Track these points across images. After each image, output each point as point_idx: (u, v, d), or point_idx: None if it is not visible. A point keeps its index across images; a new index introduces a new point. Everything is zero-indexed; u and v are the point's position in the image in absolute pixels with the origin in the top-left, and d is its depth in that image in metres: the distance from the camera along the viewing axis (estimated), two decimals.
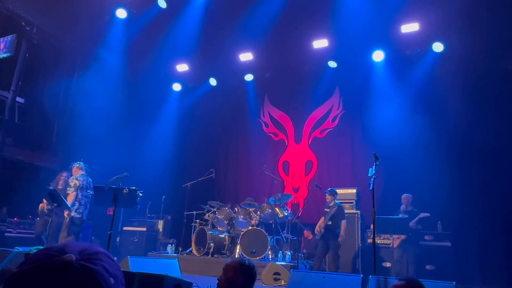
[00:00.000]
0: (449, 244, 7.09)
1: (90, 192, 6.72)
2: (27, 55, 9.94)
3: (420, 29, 8.34)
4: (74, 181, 6.80)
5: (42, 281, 0.62)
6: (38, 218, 7.33)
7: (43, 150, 9.90)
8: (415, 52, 8.93)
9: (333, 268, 7.01)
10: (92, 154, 7.93)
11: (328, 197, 7.35)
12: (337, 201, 7.37)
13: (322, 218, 7.37)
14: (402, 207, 7.24)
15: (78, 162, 7.03)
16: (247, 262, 2.52)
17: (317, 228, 7.36)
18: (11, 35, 9.83)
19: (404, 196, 7.31)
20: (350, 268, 7.57)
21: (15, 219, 8.26)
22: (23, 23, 9.73)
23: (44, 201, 7.15)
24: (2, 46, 9.99)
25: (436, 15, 8.03)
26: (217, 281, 2.54)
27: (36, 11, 9.63)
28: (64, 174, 7.32)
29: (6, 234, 7.81)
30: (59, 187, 7.09)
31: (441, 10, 7.82)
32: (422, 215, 6.97)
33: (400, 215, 7.05)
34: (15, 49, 9.75)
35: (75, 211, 6.67)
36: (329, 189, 7.44)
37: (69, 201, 6.63)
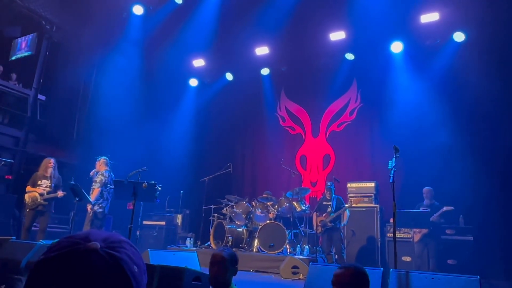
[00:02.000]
0: (471, 238, 6.93)
1: (112, 186, 6.84)
2: (47, 53, 10.15)
3: (440, 19, 8.13)
4: (100, 176, 6.95)
5: (67, 268, 0.63)
6: (27, 210, 6.65)
7: (64, 146, 10.12)
8: (435, 42, 8.72)
9: (340, 261, 7.01)
10: (112, 149, 8.05)
11: (327, 192, 7.52)
12: (334, 194, 7.50)
13: (316, 213, 7.43)
14: (426, 201, 7.10)
15: (104, 157, 7.14)
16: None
17: (317, 223, 7.37)
18: (32, 34, 10.06)
19: (425, 189, 7.17)
20: (368, 262, 7.50)
21: None
22: (43, 22, 9.92)
23: (38, 190, 6.64)
24: (23, 45, 10.24)
25: (457, 4, 7.82)
26: (211, 273, 2.66)
27: (56, 10, 9.81)
28: (52, 160, 6.92)
29: (32, 228, 8.02)
30: (46, 174, 6.76)
31: None
32: (445, 208, 6.81)
33: (422, 209, 6.93)
34: (36, 47, 9.98)
35: (98, 205, 6.83)
36: (328, 184, 7.49)
37: (93, 196, 6.79)
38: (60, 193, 6.66)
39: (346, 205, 7.32)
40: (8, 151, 9.18)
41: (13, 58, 10.24)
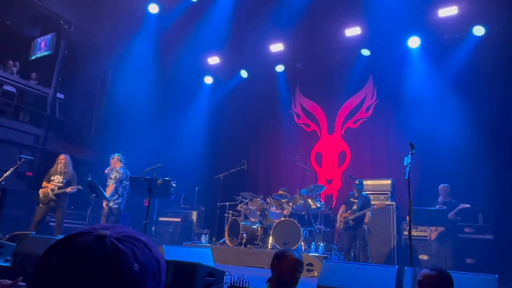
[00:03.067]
0: (491, 237, 6.77)
1: (127, 183, 6.93)
2: (65, 52, 10.35)
3: (459, 13, 7.93)
4: (114, 173, 7.05)
5: (71, 248, 0.66)
6: (40, 205, 6.77)
7: (82, 143, 10.33)
8: (453, 37, 8.52)
9: (363, 259, 6.90)
10: (128, 146, 8.16)
11: (355, 190, 7.33)
12: (364, 192, 7.32)
13: (343, 207, 7.30)
14: (440, 198, 6.96)
15: (117, 154, 7.24)
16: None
17: (340, 219, 7.25)
18: (51, 34, 10.28)
19: (441, 186, 7.03)
20: (384, 261, 7.41)
21: None
22: (61, 21, 10.12)
23: (50, 186, 6.76)
24: (42, 45, 10.47)
25: None
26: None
27: (74, 10, 9.99)
28: (63, 156, 7.03)
29: (50, 223, 8.22)
30: (59, 170, 6.88)
31: None
32: (461, 206, 6.66)
33: (438, 207, 6.80)
34: (55, 47, 10.20)
35: (114, 201, 6.93)
36: (357, 182, 7.30)
37: (108, 192, 6.89)
38: (69, 188, 6.72)
39: (372, 207, 7.10)
40: (28, 149, 9.42)
41: (33, 57, 10.49)
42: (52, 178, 6.87)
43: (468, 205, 6.62)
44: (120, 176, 7.00)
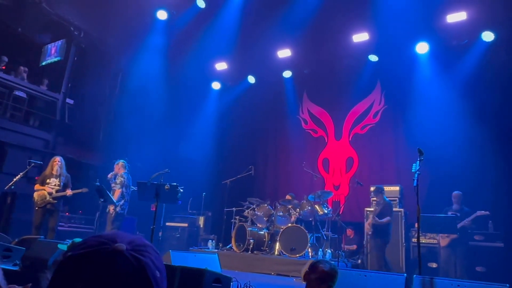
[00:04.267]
0: (501, 245, 6.67)
1: (133, 188, 6.97)
2: (75, 58, 10.48)
3: (468, 18, 7.88)
4: (120, 178, 7.10)
5: (93, 266, 0.65)
6: (36, 208, 6.64)
7: (90, 148, 10.41)
8: (462, 42, 8.47)
9: (376, 267, 6.82)
10: (136, 151, 8.21)
11: (374, 195, 7.23)
12: (386, 197, 7.18)
13: (371, 217, 7.26)
14: (455, 206, 6.85)
15: (122, 160, 7.28)
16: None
17: (367, 226, 7.24)
18: (61, 40, 10.43)
19: (455, 193, 6.90)
20: (393, 268, 7.33)
21: (67, 214, 8.75)
22: (71, 28, 10.26)
23: (47, 189, 6.64)
24: (53, 51, 10.62)
25: (485, 2, 7.57)
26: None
27: (84, 17, 10.13)
28: (58, 159, 6.90)
29: (58, 228, 8.27)
30: (54, 172, 6.74)
31: None
32: (479, 213, 6.52)
33: (450, 213, 6.71)
34: (65, 53, 10.34)
35: (120, 206, 6.96)
36: (375, 188, 7.21)
37: (115, 197, 6.93)
38: (69, 192, 6.68)
39: (386, 219, 6.89)
40: (38, 153, 9.52)
41: (43, 63, 10.64)
42: (47, 181, 6.71)
43: (488, 212, 6.49)
44: (125, 181, 7.05)
